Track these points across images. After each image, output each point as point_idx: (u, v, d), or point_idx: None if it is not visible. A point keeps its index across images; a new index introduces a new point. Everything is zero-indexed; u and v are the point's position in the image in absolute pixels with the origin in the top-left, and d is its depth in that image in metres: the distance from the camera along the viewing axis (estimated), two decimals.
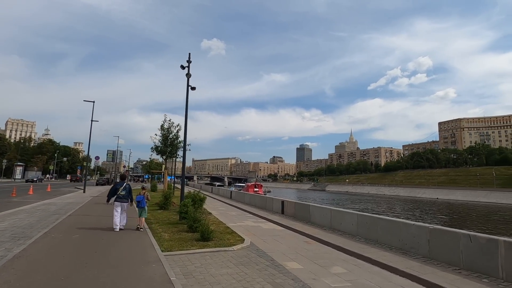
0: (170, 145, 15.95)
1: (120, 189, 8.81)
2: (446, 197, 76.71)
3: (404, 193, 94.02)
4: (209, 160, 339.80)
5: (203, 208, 13.16)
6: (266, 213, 15.14)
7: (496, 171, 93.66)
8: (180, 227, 9.59)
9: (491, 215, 37.97)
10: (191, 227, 8.68)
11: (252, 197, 20.85)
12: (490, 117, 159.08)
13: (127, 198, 8.88)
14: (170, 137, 16.00)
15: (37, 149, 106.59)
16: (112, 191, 8.97)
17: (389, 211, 42.89)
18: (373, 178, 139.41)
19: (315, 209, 11.57)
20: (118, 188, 8.87)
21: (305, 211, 12.24)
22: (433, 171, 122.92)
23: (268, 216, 13.73)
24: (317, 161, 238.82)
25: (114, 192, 8.87)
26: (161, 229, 9.22)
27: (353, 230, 8.93)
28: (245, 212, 15.63)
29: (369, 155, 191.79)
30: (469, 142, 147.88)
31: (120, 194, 8.75)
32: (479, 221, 31.92)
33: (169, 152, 16.03)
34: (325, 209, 10.87)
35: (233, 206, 18.99)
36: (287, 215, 14.01)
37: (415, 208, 47.68)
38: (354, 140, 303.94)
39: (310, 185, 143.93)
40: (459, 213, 41.03)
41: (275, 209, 15.82)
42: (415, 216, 36.18)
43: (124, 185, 8.94)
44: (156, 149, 15.89)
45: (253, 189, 57.08)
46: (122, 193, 8.77)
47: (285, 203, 14.55)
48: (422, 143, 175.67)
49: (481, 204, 60.84)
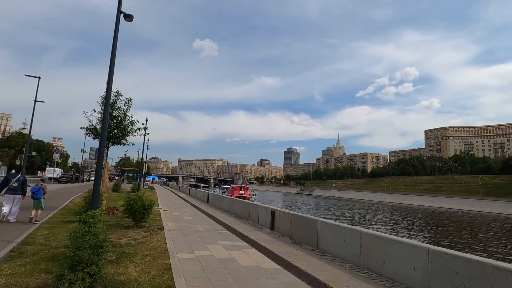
0: (115, 126, 11.02)
1: (13, 181, 8.39)
2: (432, 204, 76.26)
3: (391, 199, 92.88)
4: (195, 160, 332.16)
5: (149, 219, 8.46)
6: (248, 228, 10.56)
7: (481, 180, 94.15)
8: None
9: (493, 228, 35.10)
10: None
11: (232, 203, 16.19)
12: (474, 126, 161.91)
13: (19, 190, 8.44)
14: (115, 115, 11.10)
15: (5, 142, 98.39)
16: (3, 183, 8.41)
17: (393, 223, 39.28)
18: (360, 184, 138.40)
19: (328, 229, 7.05)
20: (9, 180, 8.43)
21: (310, 229, 7.76)
22: (419, 178, 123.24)
23: (252, 235, 9.15)
24: (305, 165, 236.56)
25: (6, 184, 8.38)
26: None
27: (417, 280, 4.52)
28: (220, 225, 10.99)
29: (356, 160, 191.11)
30: (453, 150, 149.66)
31: (12, 186, 8.35)
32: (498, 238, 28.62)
33: (113, 136, 11.10)
34: (349, 230, 6.34)
35: (205, 214, 14.30)
36: (279, 233, 9.50)
37: (411, 218, 44.48)
38: (341, 146, 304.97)
39: (297, 189, 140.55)
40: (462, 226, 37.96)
41: (261, 222, 11.27)
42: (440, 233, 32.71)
43: (18, 177, 8.53)
44: (91, 131, 10.97)
45: (239, 191, 52.11)
46: (14, 184, 8.38)
47: (277, 214, 10.00)
48: (408, 150, 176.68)
49: (468, 212, 59.67)
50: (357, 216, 43.09)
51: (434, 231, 30.61)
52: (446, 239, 24.80)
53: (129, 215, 8.00)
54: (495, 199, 71.83)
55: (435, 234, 28.64)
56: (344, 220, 36.88)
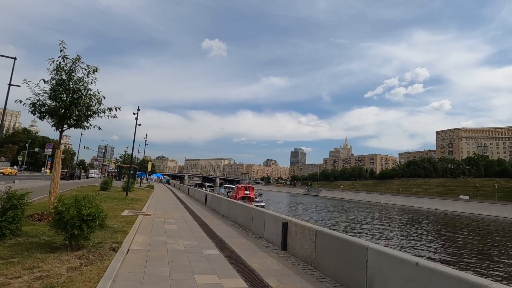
0: (70, 103, 8.04)
1: None
2: (445, 208, 72.66)
3: (401, 202, 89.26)
4: (201, 160, 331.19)
5: (93, 236, 5.43)
6: (250, 245, 7.48)
7: (497, 183, 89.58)
8: None
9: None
10: None
11: (231, 207, 13.11)
12: (488, 128, 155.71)
13: None
14: (72, 87, 8.12)
15: (9, 138, 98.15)
16: None
17: (418, 232, 35.73)
18: (368, 185, 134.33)
19: (391, 264, 3.89)
20: None
21: (351, 259, 4.63)
22: (430, 181, 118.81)
23: (254, 260, 6.06)
24: (311, 165, 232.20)
25: None
26: None
27: None
28: (210, 240, 7.93)
29: (364, 161, 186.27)
30: (466, 152, 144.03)
31: None
32: None
33: (68, 116, 8.11)
34: (439, 274, 3.19)
35: (197, 221, 11.27)
36: (294, 256, 6.40)
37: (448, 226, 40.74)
38: (348, 147, 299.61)
39: (304, 190, 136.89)
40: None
41: (268, 236, 8.18)
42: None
43: None
44: (37, 109, 7.97)
45: (244, 191, 49.10)
46: None
47: (291, 227, 6.88)
48: (418, 151, 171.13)
49: (485, 217, 55.71)
50: (369, 220, 39.71)
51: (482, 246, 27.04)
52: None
53: (60, 229, 5.02)
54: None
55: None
56: (356, 227, 33.50)
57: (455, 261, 18.02)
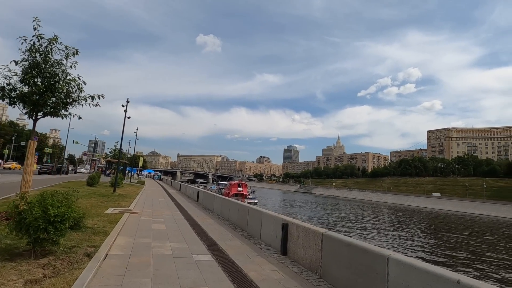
0: (46, 88, 7.12)
1: None
2: (434, 206, 73.75)
3: (392, 200, 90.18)
4: (194, 156, 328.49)
5: (64, 239, 4.63)
6: (245, 249, 6.77)
7: (485, 183, 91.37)
8: None
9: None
10: None
11: (225, 205, 12.36)
12: (477, 128, 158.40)
13: None
14: (47, 70, 7.19)
15: None
16: None
17: (410, 229, 35.74)
18: (360, 183, 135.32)
19: (417, 279, 3.24)
20: None
21: (367, 271, 3.96)
22: (421, 179, 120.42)
23: (250, 267, 5.31)
24: (304, 163, 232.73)
25: None
26: None
27: None
28: (202, 242, 7.19)
29: (356, 159, 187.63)
30: (456, 152, 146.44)
31: None
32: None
33: (43, 102, 7.19)
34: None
35: (187, 221, 10.49)
36: (296, 263, 5.72)
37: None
38: (341, 145, 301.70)
39: (296, 187, 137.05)
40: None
41: (265, 238, 7.47)
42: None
43: None
44: (6, 93, 7.01)
45: (237, 188, 48.37)
46: None
47: (293, 229, 6.18)
48: (410, 150, 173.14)
49: (474, 216, 56.61)
50: (360, 218, 39.57)
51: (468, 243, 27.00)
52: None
53: (21, 232, 4.19)
54: (500, 202, 69.35)
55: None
56: (350, 224, 33.26)
57: (450, 263, 17.75)
